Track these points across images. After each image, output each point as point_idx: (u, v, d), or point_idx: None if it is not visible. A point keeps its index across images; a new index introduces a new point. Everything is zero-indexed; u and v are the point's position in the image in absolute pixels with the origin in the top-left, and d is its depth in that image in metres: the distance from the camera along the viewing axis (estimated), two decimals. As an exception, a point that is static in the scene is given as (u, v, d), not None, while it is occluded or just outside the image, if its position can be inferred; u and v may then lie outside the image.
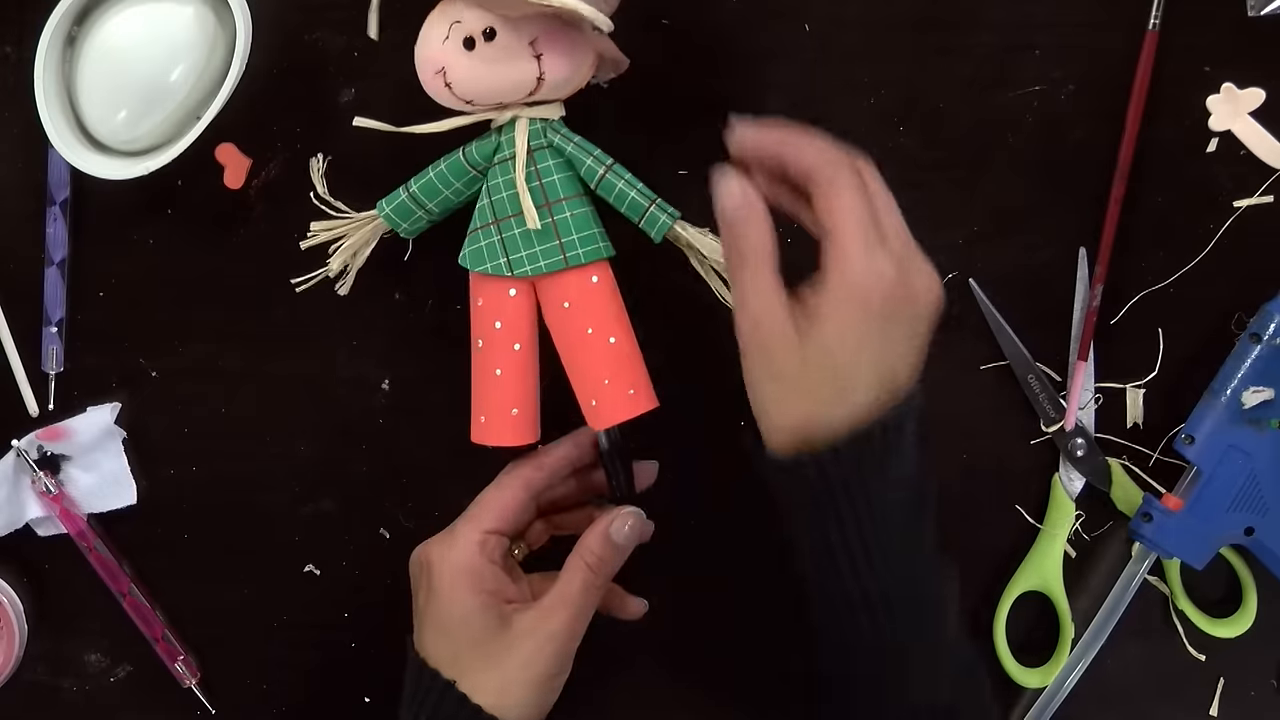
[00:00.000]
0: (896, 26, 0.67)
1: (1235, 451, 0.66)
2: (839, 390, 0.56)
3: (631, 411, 0.63)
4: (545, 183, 0.62)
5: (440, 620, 0.61)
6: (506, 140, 0.62)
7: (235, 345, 0.70)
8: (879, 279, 0.55)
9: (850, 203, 0.56)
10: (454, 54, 0.59)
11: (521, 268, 0.62)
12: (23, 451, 0.70)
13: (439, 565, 0.62)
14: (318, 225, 0.66)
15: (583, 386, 0.63)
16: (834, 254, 0.55)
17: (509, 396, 0.63)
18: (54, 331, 0.69)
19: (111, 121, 0.64)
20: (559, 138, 0.62)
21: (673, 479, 0.68)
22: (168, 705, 0.73)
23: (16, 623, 0.70)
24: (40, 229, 0.69)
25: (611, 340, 0.63)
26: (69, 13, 0.64)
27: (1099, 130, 0.67)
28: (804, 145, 0.57)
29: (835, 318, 0.55)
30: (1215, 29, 0.67)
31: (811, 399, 0.56)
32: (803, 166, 0.57)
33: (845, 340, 0.55)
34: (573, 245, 0.62)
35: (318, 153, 0.67)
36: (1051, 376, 0.70)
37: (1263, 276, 0.68)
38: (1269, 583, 0.70)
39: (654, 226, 0.63)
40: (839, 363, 0.56)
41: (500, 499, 0.63)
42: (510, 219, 0.62)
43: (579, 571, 0.62)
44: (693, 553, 0.70)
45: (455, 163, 0.63)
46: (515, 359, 0.63)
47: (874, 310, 0.55)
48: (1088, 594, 0.71)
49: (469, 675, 0.61)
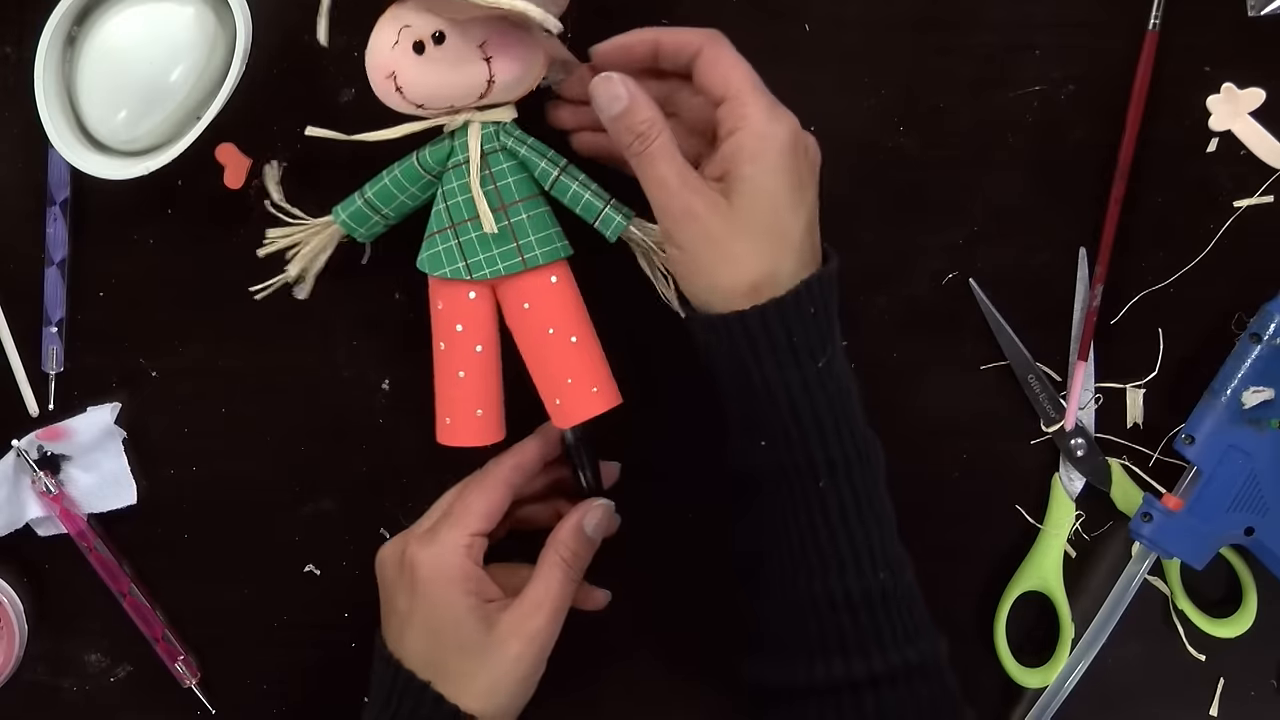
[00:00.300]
0: (896, 26, 0.67)
1: (1235, 451, 0.66)
2: (778, 239, 0.58)
3: (596, 409, 0.63)
4: (500, 185, 0.62)
5: (429, 624, 0.61)
6: (460, 144, 0.62)
7: (235, 345, 0.70)
8: (785, 126, 0.58)
9: (738, 63, 0.59)
10: (404, 58, 0.59)
11: (480, 271, 0.62)
12: (23, 451, 0.70)
13: (428, 569, 0.61)
14: (274, 232, 0.66)
15: (546, 386, 0.63)
16: (738, 113, 0.58)
17: (473, 398, 0.63)
18: (54, 331, 0.69)
19: (111, 121, 0.64)
20: (512, 140, 0.62)
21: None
22: (168, 705, 0.72)
23: (16, 623, 0.70)
24: (40, 229, 0.69)
25: (573, 339, 0.63)
26: (69, 13, 0.64)
27: (1099, 130, 0.67)
28: (672, 30, 0.61)
29: (755, 171, 0.57)
30: (1215, 29, 0.67)
31: (755, 254, 0.58)
32: (680, 44, 0.60)
33: (770, 189, 0.57)
34: (530, 247, 0.62)
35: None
36: (1051, 376, 0.70)
37: (1263, 276, 0.68)
38: (1269, 583, 0.70)
39: (609, 227, 0.63)
40: (770, 212, 0.57)
41: (486, 501, 0.63)
42: (467, 223, 0.62)
43: (557, 568, 0.62)
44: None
45: (409, 168, 0.63)
46: (478, 360, 0.63)
47: (787, 157, 0.58)
48: (1088, 594, 0.71)
49: (453, 678, 0.61)
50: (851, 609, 0.58)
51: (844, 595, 0.58)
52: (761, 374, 0.58)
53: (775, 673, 0.60)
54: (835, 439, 0.58)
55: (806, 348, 0.58)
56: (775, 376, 0.58)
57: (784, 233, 0.58)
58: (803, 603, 0.59)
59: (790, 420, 0.58)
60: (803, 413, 0.58)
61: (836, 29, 0.67)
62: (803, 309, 0.57)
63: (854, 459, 0.59)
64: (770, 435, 0.59)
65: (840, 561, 0.58)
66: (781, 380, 0.58)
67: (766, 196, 0.57)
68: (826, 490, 0.58)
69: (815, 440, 0.58)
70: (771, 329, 0.57)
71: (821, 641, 0.58)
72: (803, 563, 0.59)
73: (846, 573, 0.58)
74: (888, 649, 0.58)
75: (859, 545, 0.58)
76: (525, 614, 0.61)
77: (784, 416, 0.58)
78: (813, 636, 0.59)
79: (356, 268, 0.69)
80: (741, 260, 0.57)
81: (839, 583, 0.58)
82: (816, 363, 0.58)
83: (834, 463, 0.58)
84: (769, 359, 0.58)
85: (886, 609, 0.59)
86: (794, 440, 0.58)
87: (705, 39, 0.60)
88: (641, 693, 0.72)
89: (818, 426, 0.58)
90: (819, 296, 0.58)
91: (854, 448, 0.59)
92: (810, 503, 0.58)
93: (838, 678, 0.58)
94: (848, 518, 0.58)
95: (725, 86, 0.58)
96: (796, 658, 0.59)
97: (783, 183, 0.57)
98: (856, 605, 0.58)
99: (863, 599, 0.58)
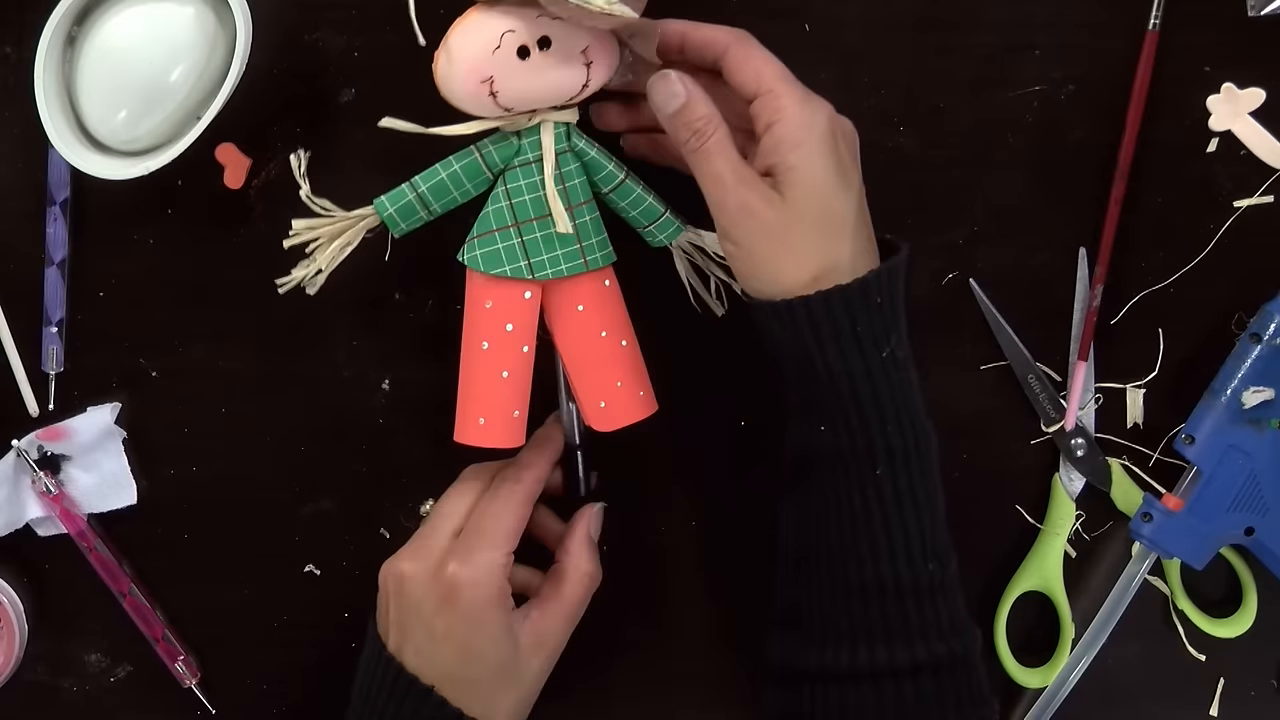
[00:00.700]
0: (896, 26, 0.67)
1: (1235, 451, 0.66)
2: (833, 226, 0.58)
3: (641, 414, 0.64)
4: (568, 186, 0.62)
5: (469, 644, 0.60)
6: (530, 143, 0.61)
7: (235, 345, 0.70)
8: (822, 113, 0.59)
9: (768, 58, 0.59)
10: (506, 64, 0.58)
11: (543, 270, 0.62)
12: (23, 451, 0.70)
13: (472, 590, 0.60)
14: (300, 224, 0.64)
15: (592, 388, 0.63)
16: (773, 106, 0.58)
17: (514, 399, 0.63)
18: (54, 331, 0.69)
19: (111, 121, 0.64)
20: (584, 142, 0.62)
21: (666, 480, 0.69)
22: (168, 705, 0.73)
23: (16, 623, 0.70)
24: (40, 229, 0.69)
25: (623, 343, 0.64)
26: (69, 13, 0.64)
27: (1099, 130, 0.67)
28: (699, 26, 0.61)
29: (800, 160, 0.57)
30: (1215, 29, 0.67)
31: (812, 243, 0.58)
32: (707, 41, 0.60)
33: (817, 176, 0.58)
34: (591, 249, 0.62)
35: (313, 152, 0.67)
36: (1051, 376, 0.70)
37: (1263, 276, 0.68)
38: (1269, 583, 0.70)
39: (666, 230, 0.64)
40: (821, 198, 0.58)
41: (517, 518, 0.62)
42: (532, 221, 0.62)
43: (578, 585, 0.63)
44: (689, 552, 0.70)
45: (471, 164, 0.62)
46: (522, 361, 0.63)
47: (827, 142, 0.58)
48: (1088, 594, 0.71)
49: (482, 694, 0.60)
50: (900, 596, 0.58)
51: (894, 582, 0.58)
52: (824, 360, 0.58)
53: (815, 655, 0.60)
54: (895, 427, 0.58)
55: (870, 336, 0.58)
56: (838, 364, 0.58)
57: (838, 218, 0.58)
58: (851, 587, 0.59)
59: (851, 407, 0.58)
60: (864, 400, 0.58)
61: (836, 29, 0.67)
62: (869, 298, 0.57)
63: (911, 448, 0.59)
64: (831, 420, 0.59)
65: (891, 549, 0.58)
66: (844, 369, 0.58)
67: (816, 184, 0.57)
68: (883, 477, 0.58)
69: (876, 427, 0.58)
70: (836, 316, 0.57)
71: (867, 627, 0.59)
72: (854, 548, 0.59)
73: (897, 560, 0.58)
74: (931, 639, 0.58)
75: (911, 534, 0.58)
76: (547, 629, 0.62)
77: (845, 403, 0.58)
78: (858, 621, 0.59)
79: (356, 268, 0.69)
80: (800, 250, 0.58)
81: (889, 569, 0.58)
82: (880, 352, 0.58)
83: (892, 451, 0.58)
84: (831, 346, 0.58)
85: (933, 599, 0.59)
86: (854, 426, 0.58)
87: (733, 38, 0.60)
88: (651, 679, 0.73)
89: (879, 414, 0.58)
90: (886, 286, 0.58)
91: (912, 437, 0.59)
92: (866, 489, 0.58)
93: (880, 664, 0.58)
94: (902, 506, 0.58)
95: (758, 82, 0.59)
96: (839, 641, 0.59)
97: (828, 167, 0.58)
98: (905, 593, 0.58)
99: (911, 588, 0.58)
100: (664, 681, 0.72)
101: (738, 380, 0.69)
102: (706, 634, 0.72)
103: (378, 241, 0.68)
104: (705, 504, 0.71)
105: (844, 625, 0.59)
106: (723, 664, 0.72)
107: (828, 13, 0.67)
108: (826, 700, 0.59)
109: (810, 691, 0.60)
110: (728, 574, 0.71)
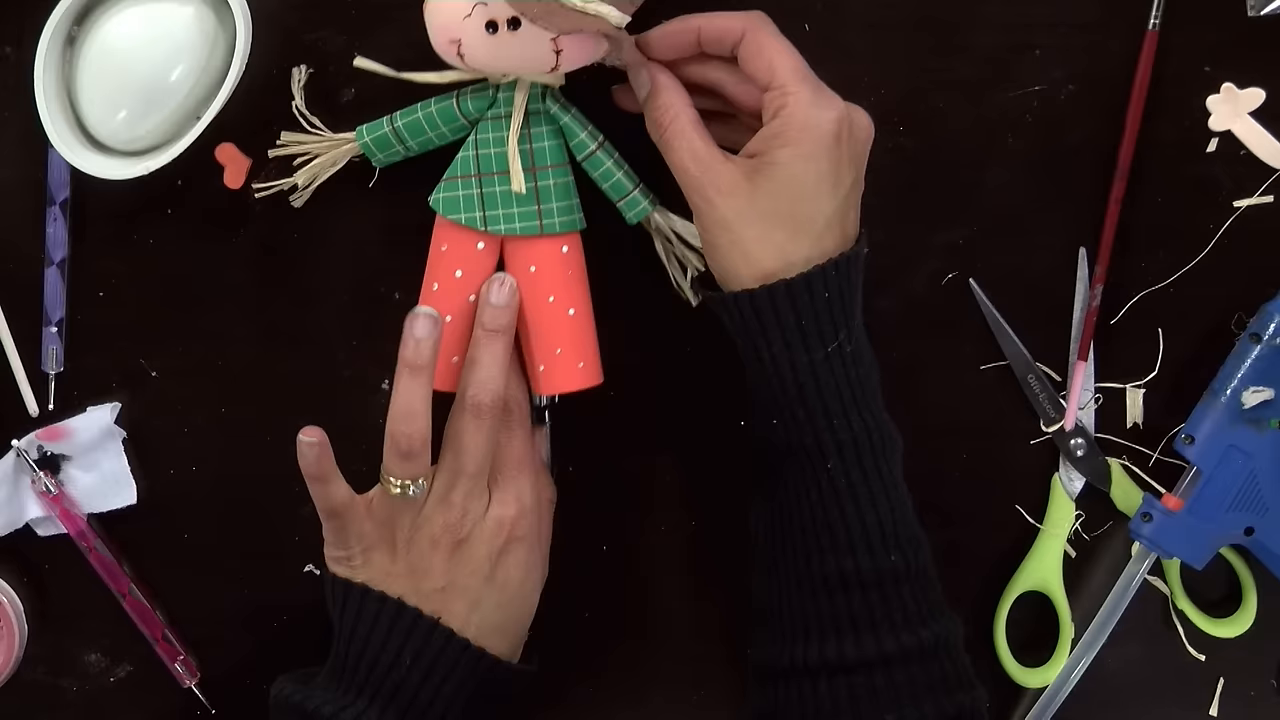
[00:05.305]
0: (896, 26, 0.67)
1: (1235, 451, 0.66)
2: (797, 226, 0.57)
3: (578, 384, 0.64)
4: (535, 147, 0.62)
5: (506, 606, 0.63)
6: (505, 98, 0.62)
7: (235, 345, 0.70)
8: (829, 116, 0.57)
9: (782, 49, 0.58)
10: (473, 33, 0.59)
11: (496, 226, 0.63)
12: (23, 451, 0.70)
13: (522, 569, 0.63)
14: (289, 136, 0.66)
15: (534, 351, 0.64)
16: (781, 99, 0.57)
17: (454, 344, 0.64)
18: (54, 331, 0.69)
19: (111, 121, 0.64)
20: (557, 107, 0.62)
21: (661, 479, 0.69)
22: (168, 705, 0.72)
23: (16, 623, 0.70)
24: (40, 229, 0.69)
25: (571, 312, 0.64)
26: (69, 13, 0.64)
27: (1099, 130, 0.67)
28: (713, 16, 0.60)
29: (788, 158, 0.57)
30: (1215, 29, 0.67)
31: (768, 240, 0.58)
32: (721, 30, 0.59)
33: (797, 177, 0.57)
34: (550, 213, 0.62)
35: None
36: (1051, 376, 0.70)
37: (1263, 276, 0.68)
38: (1269, 583, 0.70)
39: (632, 209, 0.64)
40: (792, 200, 0.57)
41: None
42: (494, 176, 0.62)
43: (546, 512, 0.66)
44: (680, 552, 0.70)
45: (447, 109, 0.63)
46: (467, 310, 0.64)
47: (826, 146, 0.57)
48: (1088, 594, 0.71)
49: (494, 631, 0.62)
50: (863, 588, 0.58)
51: (856, 574, 0.58)
52: (770, 354, 0.58)
53: (786, 651, 0.60)
54: (844, 422, 0.58)
55: (816, 331, 0.58)
56: (783, 357, 0.58)
57: (806, 220, 0.58)
58: (815, 581, 0.59)
59: (798, 401, 0.58)
60: (809, 394, 0.58)
61: (836, 29, 0.67)
62: (815, 292, 0.57)
63: (864, 441, 0.59)
64: (780, 414, 0.59)
65: (851, 541, 0.58)
66: (789, 361, 0.58)
67: (792, 185, 0.57)
68: (835, 471, 0.58)
69: (823, 421, 0.58)
70: (780, 310, 0.57)
71: (834, 620, 0.59)
72: (815, 542, 0.59)
73: (857, 552, 0.58)
74: (899, 630, 0.58)
75: (869, 525, 0.58)
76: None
77: (791, 397, 0.58)
78: (824, 615, 0.59)
79: (356, 267, 0.69)
80: (758, 245, 0.58)
81: (850, 561, 0.58)
82: (826, 347, 0.58)
83: (842, 444, 0.58)
84: (777, 340, 0.58)
85: (898, 590, 0.59)
86: (801, 420, 0.58)
87: (747, 24, 0.59)
88: (642, 678, 0.72)
89: (824, 409, 0.58)
90: (834, 281, 0.58)
91: (863, 430, 0.59)
92: (821, 482, 0.59)
93: (849, 657, 0.58)
94: (859, 499, 0.58)
95: (770, 74, 0.58)
96: (808, 636, 0.59)
97: (815, 172, 0.57)
98: (869, 585, 0.58)
99: (874, 579, 0.58)
100: (654, 681, 0.72)
101: (737, 380, 0.69)
102: (697, 633, 0.71)
103: (378, 242, 0.68)
104: (700, 503, 0.71)
105: (811, 620, 0.59)
106: (713, 664, 0.71)
107: (828, 13, 0.67)
108: (801, 696, 0.59)
109: (785, 688, 0.60)
110: (719, 573, 0.71)
